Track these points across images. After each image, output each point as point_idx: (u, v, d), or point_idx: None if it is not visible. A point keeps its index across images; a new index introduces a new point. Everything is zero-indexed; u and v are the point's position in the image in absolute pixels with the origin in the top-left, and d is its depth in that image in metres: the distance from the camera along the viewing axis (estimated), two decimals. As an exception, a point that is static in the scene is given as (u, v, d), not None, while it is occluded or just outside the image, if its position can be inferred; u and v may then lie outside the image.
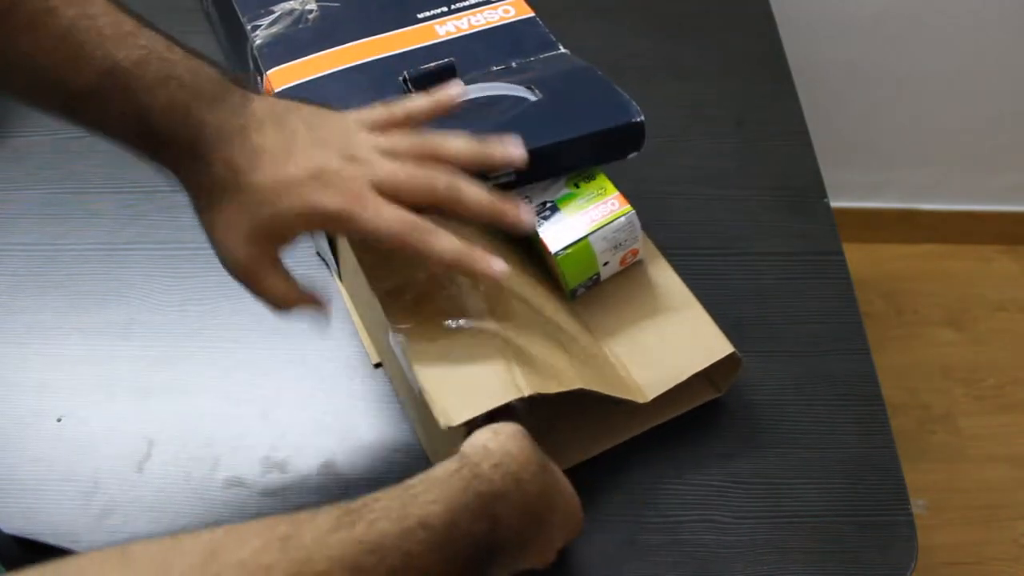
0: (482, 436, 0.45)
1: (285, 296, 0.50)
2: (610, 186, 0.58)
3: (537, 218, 0.57)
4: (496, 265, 0.47)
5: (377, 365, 0.64)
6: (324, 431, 0.61)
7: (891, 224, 1.56)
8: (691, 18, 0.91)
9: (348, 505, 0.39)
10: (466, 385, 0.49)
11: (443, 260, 0.47)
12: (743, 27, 0.90)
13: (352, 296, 0.66)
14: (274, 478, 0.59)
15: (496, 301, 0.53)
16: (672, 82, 0.84)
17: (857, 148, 1.42)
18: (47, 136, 0.79)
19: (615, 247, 0.58)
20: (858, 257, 0.82)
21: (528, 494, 0.44)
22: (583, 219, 0.57)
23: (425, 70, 0.60)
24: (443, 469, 0.42)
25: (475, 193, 0.48)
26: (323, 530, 0.37)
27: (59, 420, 0.62)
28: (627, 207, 0.57)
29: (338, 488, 0.58)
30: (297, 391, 0.63)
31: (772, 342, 0.65)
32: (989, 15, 1.23)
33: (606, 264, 0.59)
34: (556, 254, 0.56)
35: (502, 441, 0.45)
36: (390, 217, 0.46)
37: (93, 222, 0.73)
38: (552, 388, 0.49)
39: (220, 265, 0.70)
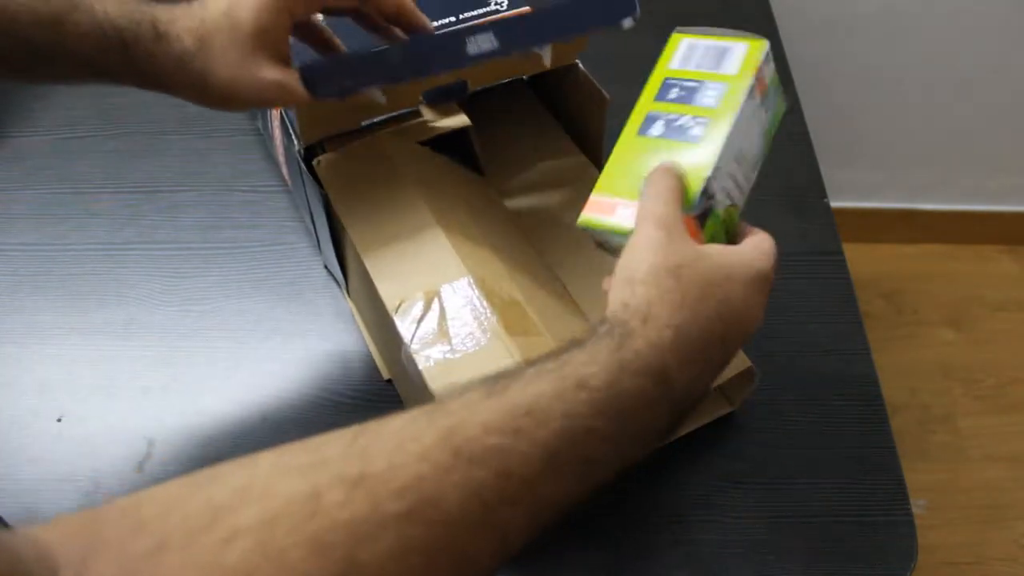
0: (621, 294, 0.40)
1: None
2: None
3: None
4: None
5: (388, 381, 0.63)
6: (324, 431, 0.61)
7: (891, 224, 1.56)
8: (691, 18, 0.90)
9: (498, 374, 0.36)
10: None
11: None
12: (743, 27, 0.90)
13: (361, 312, 0.66)
14: (274, 478, 0.59)
15: (512, 318, 0.52)
16: (672, 82, 0.84)
17: (857, 148, 1.42)
18: (47, 136, 0.79)
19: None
20: (858, 257, 0.81)
21: (690, 336, 0.39)
22: None
23: (440, 89, 0.60)
24: (590, 334, 0.39)
25: None
26: (472, 399, 0.35)
27: (59, 420, 0.62)
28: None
29: (338, 488, 0.58)
30: (297, 391, 0.63)
31: (772, 342, 0.65)
32: (989, 15, 1.23)
33: None
34: None
35: (641, 293, 0.40)
36: None
37: (93, 222, 0.73)
38: None
39: (219, 265, 0.70)
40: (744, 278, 0.42)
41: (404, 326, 0.52)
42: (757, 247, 0.44)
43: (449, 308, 0.52)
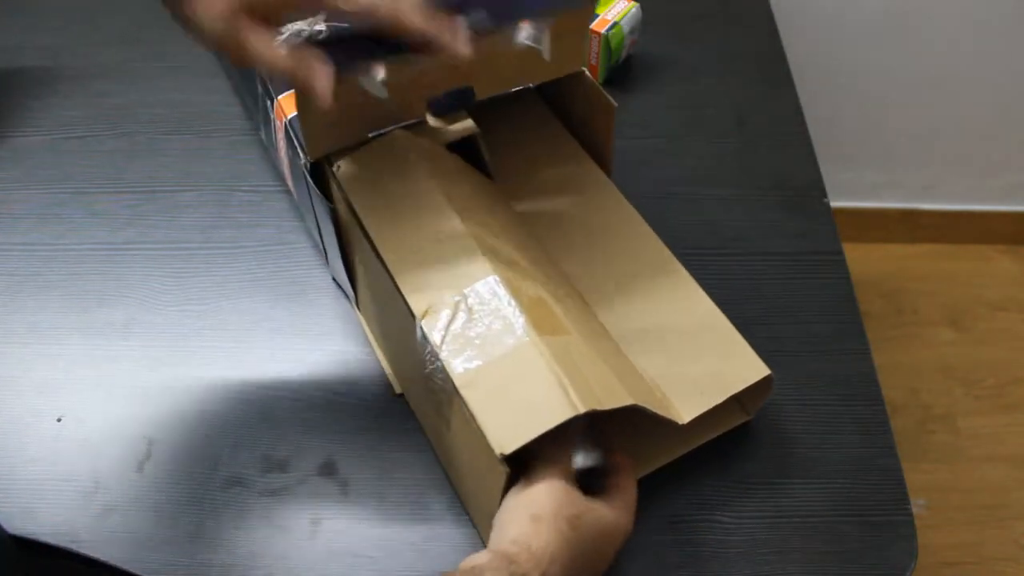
0: (524, 529, 0.45)
1: (271, 58, 0.46)
2: None
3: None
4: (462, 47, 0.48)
5: (399, 395, 0.63)
6: (324, 431, 0.61)
7: (891, 224, 1.56)
8: (691, 18, 0.91)
9: None
10: (519, 406, 0.47)
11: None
12: (743, 27, 0.90)
13: (371, 325, 0.65)
14: (274, 478, 0.59)
15: (539, 316, 0.51)
16: (672, 82, 0.84)
17: (857, 148, 1.42)
18: (47, 136, 0.79)
19: None
20: (858, 257, 0.82)
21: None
22: None
23: (447, 97, 0.59)
24: (490, 568, 0.43)
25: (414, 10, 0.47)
26: None
27: (59, 420, 0.62)
28: None
29: (338, 488, 0.58)
30: (297, 391, 0.63)
31: (772, 342, 0.64)
32: (989, 15, 1.23)
33: None
34: None
35: (544, 537, 0.44)
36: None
37: (93, 222, 0.73)
38: (607, 404, 0.47)
39: (219, 265, 0.70)
40: (617, 541, 0.48)
41: (433, 332, 0.50)
42: (629, 507, 0.50)
43: (477, 310, 0.51)
